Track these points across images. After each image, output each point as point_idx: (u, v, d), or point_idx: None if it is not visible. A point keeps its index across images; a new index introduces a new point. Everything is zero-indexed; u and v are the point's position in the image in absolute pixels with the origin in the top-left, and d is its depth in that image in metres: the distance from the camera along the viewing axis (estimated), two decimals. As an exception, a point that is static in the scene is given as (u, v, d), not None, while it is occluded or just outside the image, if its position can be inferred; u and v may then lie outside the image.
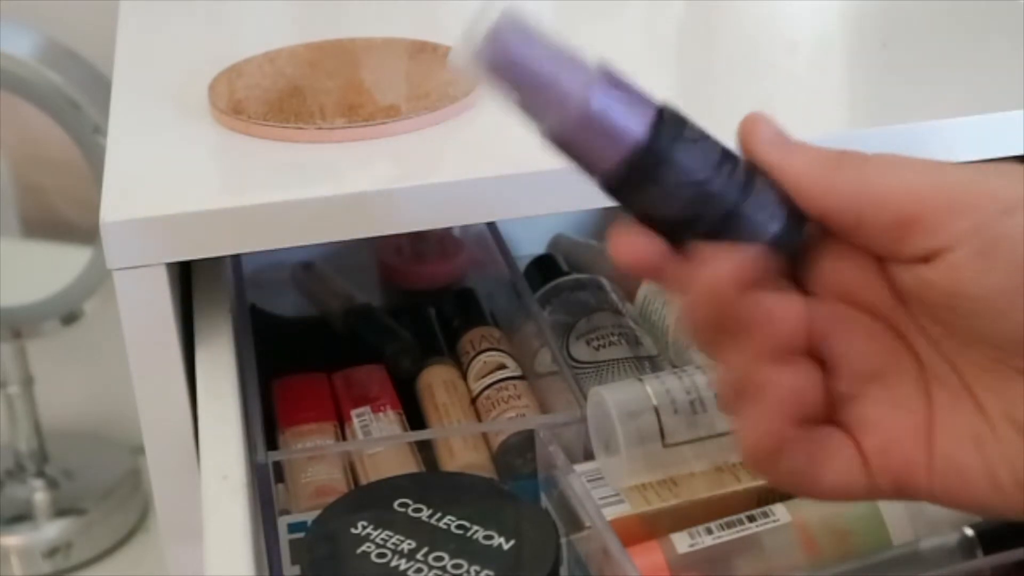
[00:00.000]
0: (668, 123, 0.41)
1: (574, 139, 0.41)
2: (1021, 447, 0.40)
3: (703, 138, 0.41)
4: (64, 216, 1.07)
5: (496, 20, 0.40)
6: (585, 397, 0.65)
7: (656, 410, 0.61)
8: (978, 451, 0.40)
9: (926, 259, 0.39)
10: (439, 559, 0.54)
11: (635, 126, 0.40)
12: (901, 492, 0.42)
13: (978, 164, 0.41)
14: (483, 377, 0.75)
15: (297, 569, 0.62)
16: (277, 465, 0.67)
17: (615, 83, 0.41)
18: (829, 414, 0.43)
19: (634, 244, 0.42)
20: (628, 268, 0.42)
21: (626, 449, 0.61)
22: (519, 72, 0.40)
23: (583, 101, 0.40)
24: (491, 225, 0.85)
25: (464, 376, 0.77)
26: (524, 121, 0.41)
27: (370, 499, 0.58)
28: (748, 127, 0.42)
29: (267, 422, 0.70)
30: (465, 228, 0.93)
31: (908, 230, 0.39)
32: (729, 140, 0.42)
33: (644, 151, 0.40)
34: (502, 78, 0.40)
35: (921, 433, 0.42)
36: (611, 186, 0.41)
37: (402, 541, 0.55)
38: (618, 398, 0.62)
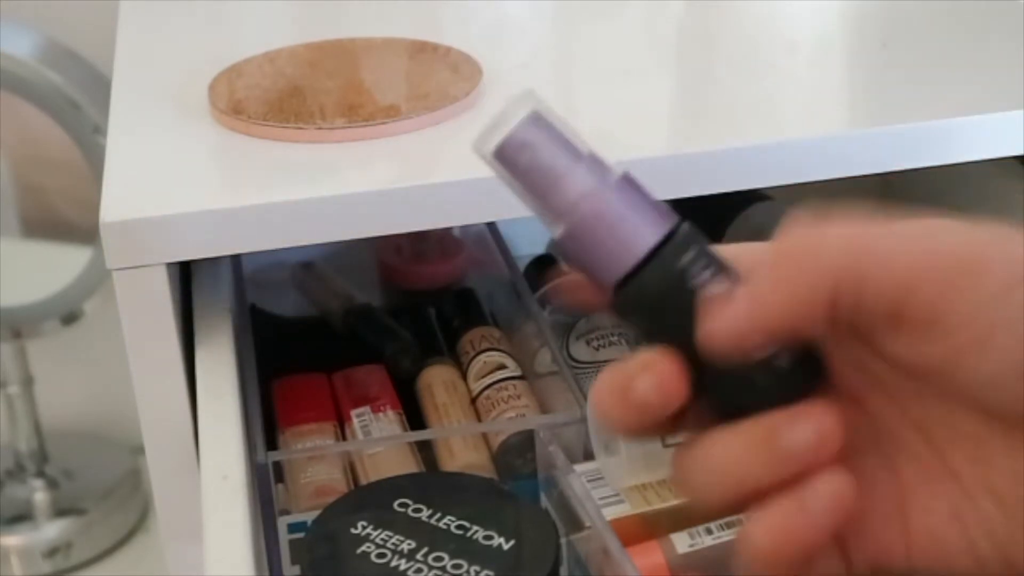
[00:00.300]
0: (681, 239, 0.38)
1: (585, 242, 0.38)
2: (1002, 519, 0.38)
3: (716, 264, 0.38)
4: (64, 216, 1.07)
5: (518, 121, 0.38)
6: (585, 397, 0.65)
7: (656, 410, 0.61)
8: (957, 524, 0.39)
9: (924, 337, 0.37)
10: (439, 559, 0.54)
11: (647, 235, 0.38)
12: (878, 573, 0.40)
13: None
14: (483, 377, 0.75)
15: (297, 569, 0.62)
16: (277, 465, 0.67)
17: (634, 188, 0.38)
18: None
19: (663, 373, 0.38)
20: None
21: (626, 449, 0.61)
22: (537, 169, 0.38)
23: (599, 200, 0.38)
24: (491, 225, 0.85)
25: (464, 376, 0.77)
26: (542, 225, 0.39)
27: (370, 499, 0.58)
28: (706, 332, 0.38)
29: (267, 422, 0.70)
30: (465, 228, 0.93)
31: (906, 315, 0.37)
32: (730, 141, 0.42)
33: (650, 264, 0.38)
34: (519, 176, 0.38)
35: (893, 510, 0.40)
36: (616, 300, 0.38)
37: (402, 541, 0.55)
38: (618, 398, 0.62)
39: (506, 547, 0.54)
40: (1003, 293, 0.36)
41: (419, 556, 0.54)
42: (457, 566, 0.53)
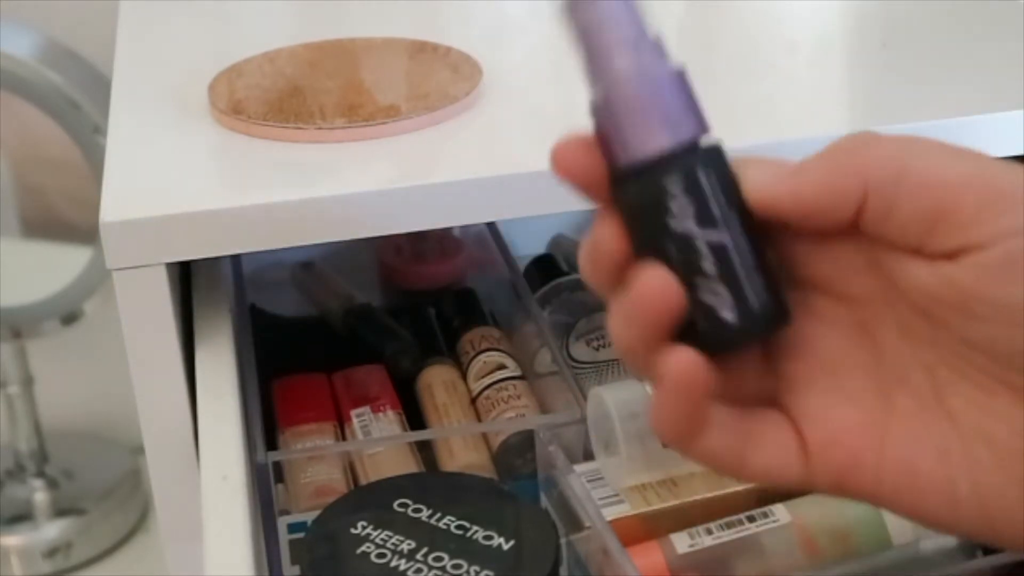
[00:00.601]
0: (709, 149, 0.39)
1: (614, 114, 0.39)
2: (991, 466, 0.38)
3: (732, 184, 0.39)
4: (64, 216, 1.07)
5: None
6: (585, 397, 0.65)
7: (656, 410, 0.61)
8: (940, 461, 0.39)
9: (952, 255, 0.37)
10: (439, 559, 0.54)
11: (684, 126, 0.39)
12: (841, 489, 0.41)
13: (1017, 160, 0.40)
14: (483, 377, 0.75)
15: (297, 569, 0.62)
16: (277, 465, 0.67)
17: (682, 86, 0.40)
18: (774, 394, 0.41)
19: (578, 158, 0.40)
20: (566, 179, 0.40)
21: (626, 449, 0.61)
22: (598, 27, 0.39)
23: (642, 81, 0.39)
24: (491, 225, 0.85)
25: (464, 376, 0.77)
26: (583, 77, 0.39)
27: (370, 499, 0.58)
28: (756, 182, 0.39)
29: (267, 422, 0.70)
30: (465, 228, 0.93)
31: (941, 222, 0.37)
32: (729, 141, 0.42)
33: (674, 157, 0.39)
34: (580, 26, 0.40)
35: (871, 433, 0.40)
36: (625, 176, 0.39)
37: (402, 541, 0.55)
38: (618, 398, 0.62)
39: (506, 547, 0.54)
40: None
41: (419, 556, 0.54)
42: (457, 566, 0.53)
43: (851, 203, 0.39)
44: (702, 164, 0.39)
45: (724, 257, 0.39)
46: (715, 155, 0.39)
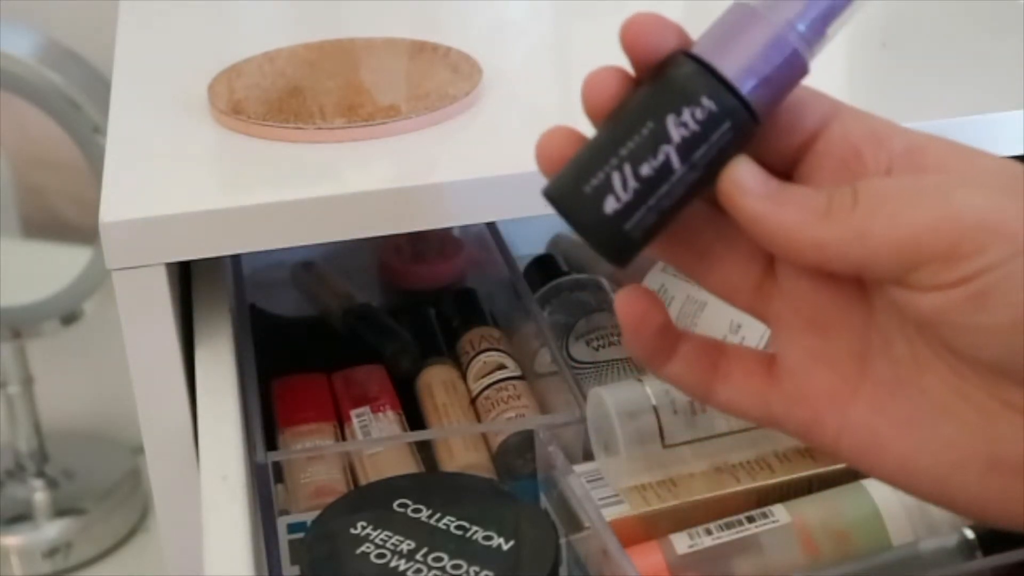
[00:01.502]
0: (748, 117, 0.41)
1: (738, 26, 0.42)
2: (954, 443, 0.39)
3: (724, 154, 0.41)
4: (64, 216, 1.07)
5: None
6: (585, 397, 0.65)
7: (656, 410, 0.61)
8: (904, 432, 0.40)
9: (920, 289, 0.38)
10: (439, 559, 0.54)
11: (752, 83, 0.41)
12: (801, 437, 0.42)
13: (981, 170, 0.40)
14: (483, 377, 0.75)
15: (297, 569, 0.62)
16: (277, 465, 0.67)
17: (792, 69, 0.41)
18: (765, 319, 0.43)
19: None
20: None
21: (626, 449, 0.61)
22: None
23: (782, 34, 0.41)
24: (491, 225, 0.85)
25: (464, 376, 0.77)
26: None
27: (370, 499, 0.58)
28: (730, 180, 0.41)
29: (267, 422, 0.70)
30: (465, 228, 0.93)
31: (906, 273, 0.38)
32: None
33: (728, 88, 0.41)
34: None
35: (840, 398, 0.41)
36: (686, 58, 0.41)
37: (402, 541, 0.55)
38: (618, 398, 0.62)
39: (506, 547, 0.54)
40: (1013, 255, 0.37)
41: (419, 556, 0.54)
42: (457, 566, 0.53)
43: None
44: (734, 116, 0.40)
45: (661, 178, 0.40)
46: (745, 126, 0.41)
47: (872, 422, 0.41)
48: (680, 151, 0.40)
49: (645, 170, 0.40)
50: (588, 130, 0.42)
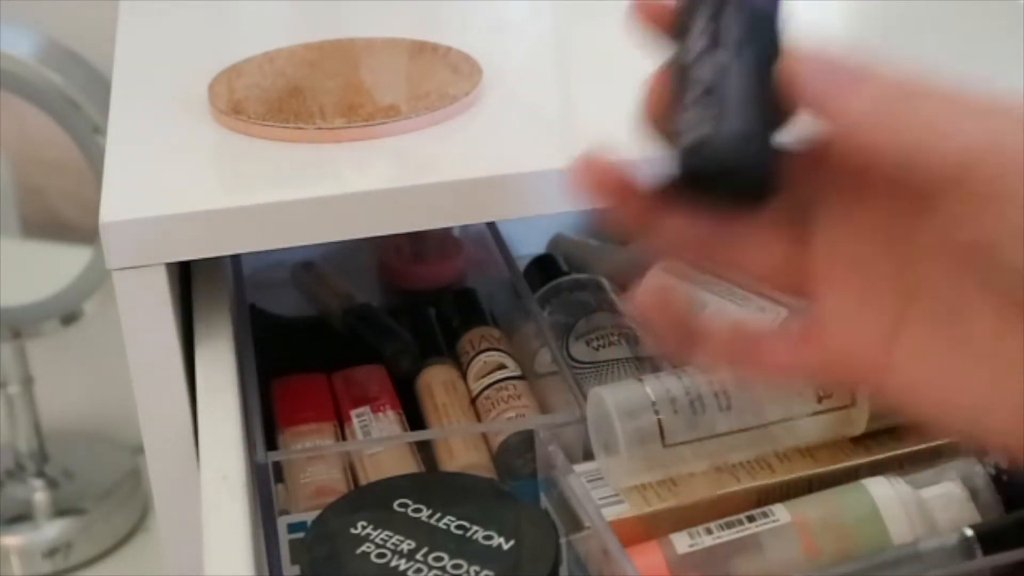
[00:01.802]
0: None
1: None
2: (991, 385, 0.40)
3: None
4: (64, 216, 1.07)
5: None
6: (585, 397, 0.65)
7: (656, 410, 0.61)
8: (941, 375, 0.41)
9: (974, 211, 0.39)
10: (439, 559, 0.54)
11: None
12: (849, 382, 0.44)
13: None
14: (483, 377, 0.75)
15: (297, 569, 0.62)
16: (277, 465, 0.67)
17: None
18: (798, 287, 0.43)
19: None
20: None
21: (626, 449, 0.61)
22: None
23: None
24: (491, 225, 0.85)
25: (464, 376, 0.77)
26: None
27: (370, 499, 0.58)
28: (798, 65, 0.41)
29: (267, 422, 0.70)
30: (465, 228, 0.93)
31: (946, 189, 0.39)
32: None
33: None
34: None
35: (885, 337, 0.41)
36: None
37: (402, 541, 0.55)
38: (618, 398, 0.62)
39: (506, 547, 0.54)
40: None
41: (419, 556, 0.54)
42: (457, 566, 0.53)
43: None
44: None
45: (725, 79, 0.40)
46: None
47: (915, 362, 0.41)
48: (739, 44, 0.40)
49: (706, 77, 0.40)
50: (586, 127, 0.42)
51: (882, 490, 0.61)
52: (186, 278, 0.69)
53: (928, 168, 0.39)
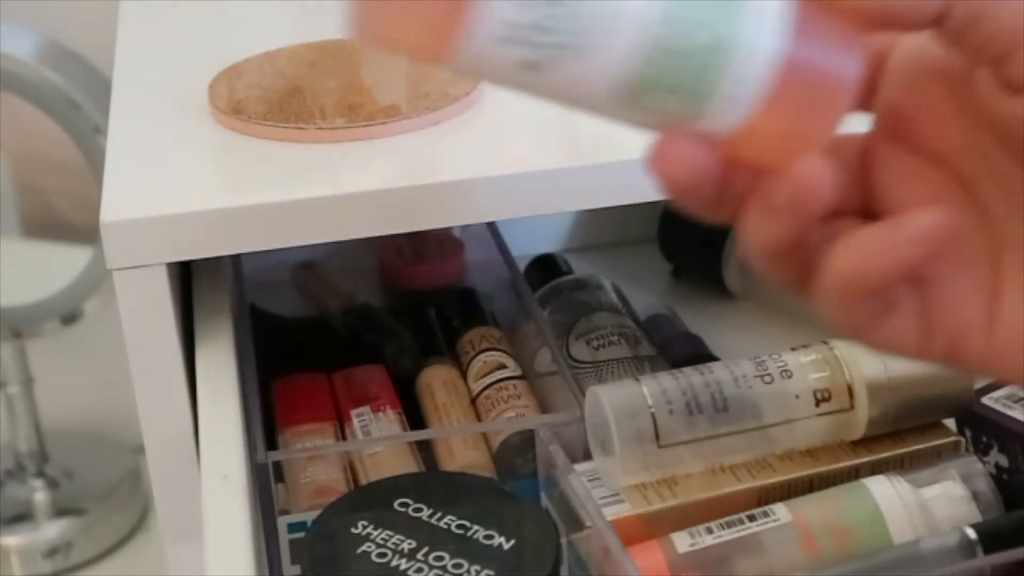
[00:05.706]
0: None
1: None
2: None
3: None
4: (64, 216, 1.07)
5: None
6: (585, 397, 0.65)
7: (652, 411, 0.61)
8: None
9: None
10: (439, 559, 0.54)
11: None
12: (953, 356, 0.40)
13: None
14: (483, 377, 0.75)
15: (297, 569, 0.62)
16: (277, 465, 0.67)
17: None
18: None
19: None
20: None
21: (621, 449, 0.61)
22: None
23: None
24: (491, 225, 0.85)
25: (464, 376, 0.77)
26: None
27: (370, 499, 0.58)
28: None
29: (267, 422, 0.70)
30: (465, 228, 0.93)
31: (1018, 49, 0.37)
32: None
33: None
34: None
35: (984, 294, 0.40)
36: None
37: (402, 541, 0.55)
38: (614, 398, 0.62)
39: (506, 547, 0.54)
40: None
41: (419, 556, 0.54)
42: (457, 566, 0.53)
43: (929, 14, 0.38)
44: None
45: None
46: None
47: (1015, 319, 0.39)
48: None
49: None
50: (585, 127, 0.42)
51: (883, 489, 0.61)
52: (186, 278, 0.69)
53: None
